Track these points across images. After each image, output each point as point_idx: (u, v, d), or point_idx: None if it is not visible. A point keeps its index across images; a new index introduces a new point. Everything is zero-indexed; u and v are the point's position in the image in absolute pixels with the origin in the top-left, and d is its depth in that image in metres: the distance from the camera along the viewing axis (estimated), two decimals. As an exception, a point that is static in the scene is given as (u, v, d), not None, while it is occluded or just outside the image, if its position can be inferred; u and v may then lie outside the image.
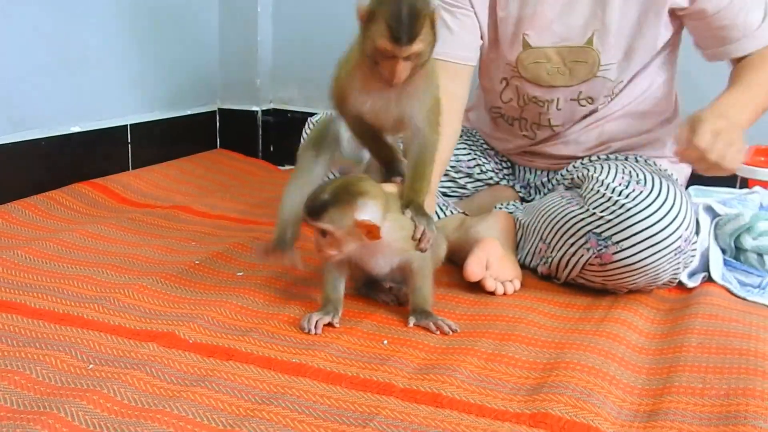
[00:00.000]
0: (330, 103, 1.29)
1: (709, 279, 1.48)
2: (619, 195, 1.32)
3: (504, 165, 1.75)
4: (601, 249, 1.32)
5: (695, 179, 1.65)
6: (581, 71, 1.52)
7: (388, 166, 1.29)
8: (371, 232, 1.15)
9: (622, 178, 1.36)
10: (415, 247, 1.21)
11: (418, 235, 1.20)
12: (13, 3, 1.70)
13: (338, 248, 1.17)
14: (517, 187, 1.72)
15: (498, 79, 1.61)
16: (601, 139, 1.59)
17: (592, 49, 1.50)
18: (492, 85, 1.64)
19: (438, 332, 1.20)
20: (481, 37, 1.56)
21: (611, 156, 1.57)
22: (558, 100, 1.57)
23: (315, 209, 1.15)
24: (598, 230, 1.32)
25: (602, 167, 1.42)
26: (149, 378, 1.01)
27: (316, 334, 1.18)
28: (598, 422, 0.95)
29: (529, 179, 1.71)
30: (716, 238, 1.54)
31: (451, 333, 1.20)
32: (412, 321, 1.23)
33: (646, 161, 1.55)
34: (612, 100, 1.56)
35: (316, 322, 1.20)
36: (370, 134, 1.28)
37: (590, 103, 1.56)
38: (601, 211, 1.32)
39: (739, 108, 1.39)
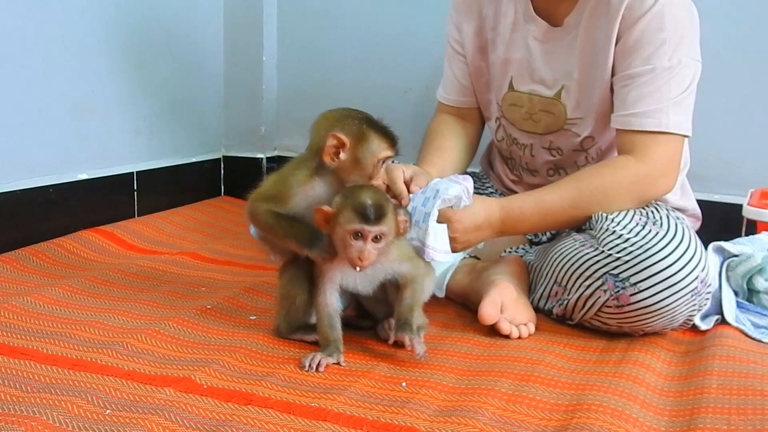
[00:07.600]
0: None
1: (722, 321, 1.47)
2: (636, 235, 1.32)
3: None
4: (618, 290, 1.31)
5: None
6: (548, 121, 1.56)
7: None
8: (404, 228, 1.22)
9: (640, 218, 1.36)
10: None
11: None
12: (17, 49, 1.71)
13: (383, 251, 1.19)
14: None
15: (494, 117, 1.67)
16: None
17: (560, 103, 1.53)
18: (490, 124, 1.71)
19: (410, 349, 1.20)
20: (472, 80, 1.65)
21: None
22: (532, 146, 1.62)
23: (378, 215, 1.16)
24: (615, 271, 1.31)
25: None
26: (168, 423, 0.99)
27: (318, 372, 1.17)
28: (626, 464, 0.94)
29: None
30: (728, 279, 1.54)
31: (419, 358, 1.20)
32: (392, 334, 1.24)
33: (656, 202, 1.55)
34: (589, 156, 1.56)
35: (320, 361, 1.19)
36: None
37: (560, 155, 1.59)
38: (617, 252, 1.32)
39: (516, 218, 1.41)
